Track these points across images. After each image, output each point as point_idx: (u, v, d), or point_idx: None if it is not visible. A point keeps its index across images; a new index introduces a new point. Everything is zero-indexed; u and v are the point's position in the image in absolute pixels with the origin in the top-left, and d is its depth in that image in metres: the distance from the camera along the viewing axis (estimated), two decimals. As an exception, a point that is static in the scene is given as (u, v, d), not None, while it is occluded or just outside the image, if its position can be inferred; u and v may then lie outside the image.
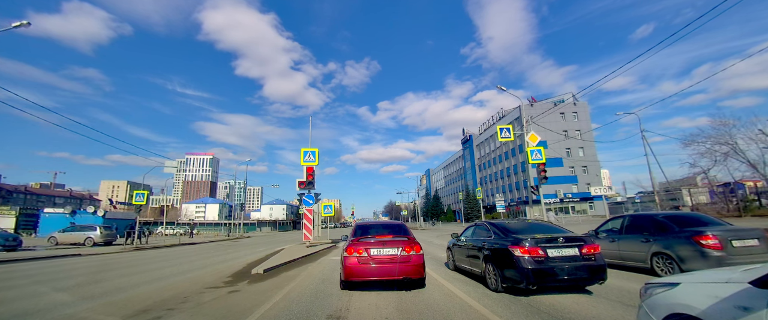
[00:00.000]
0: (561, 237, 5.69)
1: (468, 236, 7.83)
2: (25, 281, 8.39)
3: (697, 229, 6.49)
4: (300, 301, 5.54)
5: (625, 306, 4.83)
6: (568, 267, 5.34)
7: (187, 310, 5.22)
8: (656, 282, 2.71)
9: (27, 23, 13.40)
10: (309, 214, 18.56)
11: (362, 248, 5.96)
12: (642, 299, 2.69)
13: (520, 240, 5.67)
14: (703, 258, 6.11)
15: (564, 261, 5.42)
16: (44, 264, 12.81)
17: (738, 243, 6.17)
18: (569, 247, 5.56)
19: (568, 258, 5.45)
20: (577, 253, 5.50)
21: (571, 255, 5.49)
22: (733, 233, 6.31)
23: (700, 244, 6.19)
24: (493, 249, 6.19)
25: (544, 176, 16.08)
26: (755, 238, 6.31)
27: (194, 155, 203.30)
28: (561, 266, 5.34)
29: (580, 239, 5.73)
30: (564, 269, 5.32)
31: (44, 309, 5.34)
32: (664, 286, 2.54)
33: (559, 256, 5.45)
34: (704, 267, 5.86)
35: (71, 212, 37.48)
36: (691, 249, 6.29)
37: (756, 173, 22.46)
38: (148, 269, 10.71)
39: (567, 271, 5.31)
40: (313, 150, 17.69)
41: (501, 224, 6.79)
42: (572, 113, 59.09)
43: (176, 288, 7.09)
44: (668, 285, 2.52)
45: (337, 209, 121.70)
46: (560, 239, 5.65)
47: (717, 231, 6.28)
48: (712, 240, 6.12)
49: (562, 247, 5.54)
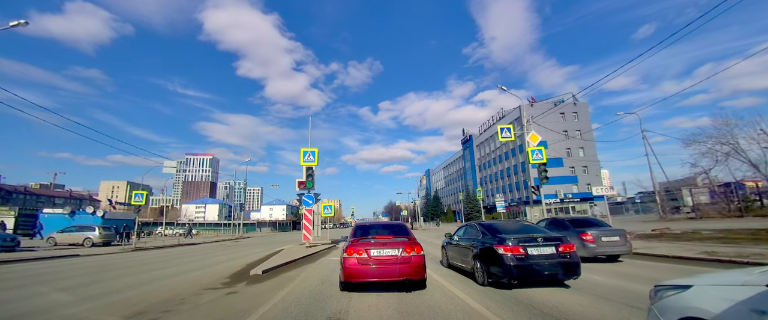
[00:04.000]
0: (540, 237, 6.32)
1: (460, 236, 8.40)
2: (19, 282, 8.30)
3: (582, 229, 9.28)
4: (299, 303, 5.45)
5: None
6: (547, 264, 5.98)
7: (184, 312, 5.13)
8: (667, 283, 2.60)
9: (25, 22, 13.32)
10: (308, 214, 18.47)
11: (362, 248, 5.87)
12: (651, 301, 2.59)
13: (504, 239, 6.25)
14: (584, 247, 8.88)
15: (542, 258, 6.04)
16: (41, 264, 12.72)
17: (606, 238, 8.96)
18: (547, 246, 6.18)
19: (546, 256, 6.07)
20: (554, 251, 6.12)
21: (548, 253, 6.10)
22: (603, 232, 9.14)
23: (582, 239, 8.98)
24: (480, 248, 6.73)
25: (545, 176, 15.99)
26: (617, 236, 9.13)
27: (194, 155, 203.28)
28: (540, 263, 5.98)
29: (557, 238, 6.36)
30: (543, 265, 5.96)
31: (37, 311, 5.25)
32: (675, 288, 2.43)
33: (538, 254, 6.07)
34: (584, 254, 8.58)
35: (70, 213, 37.34)
36: (578, 241, 8.55)
37: (757, 173, 22.38)
38: (146, 270, 10.62)
39: (545, 267, 5.95)
40: (313, 150, 17.60)
41: (488, 225, 7.43)
42: (572, 113, 59.00)
43: (174, 290, 7.00)
44: (680, 287, 2.40)
45: (337, 210, 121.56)
46: (539, 238, 6.27)
47: (593, 231, 9.13)
48: (589, 236, 9.01)
49: (541, 246, 6.17)
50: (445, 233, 9.79)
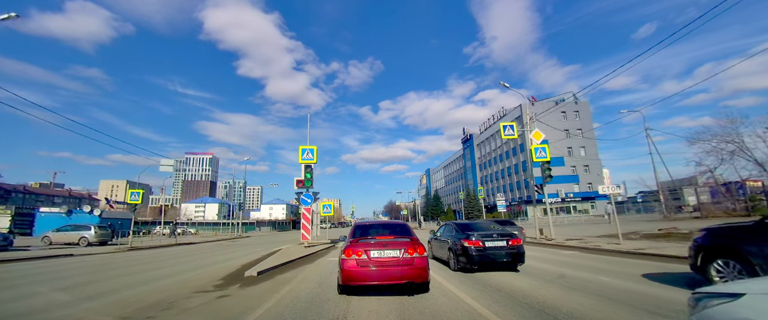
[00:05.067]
0: (495, 234, 8.33)
1: (441, 233, 10.33)
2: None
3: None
4: (294, 308, 5.10)
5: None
6: (499, 254, 7.88)
7: (171, 317, 4.79)
8: (712, 291, 2.24)
9: (15, 15, 12.98)
10: (307, 213, 18.14)
11: (362, 250, 5.52)
12: (690, 312, 2.23)
13: (469, 235, 8.15)
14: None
15: (496, 249, 7.95)
16: (30, 265, 12.38)
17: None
18: (500, 240, 8.13)
19: (499, 248, 7.98)
20: (505, 244, 8.05)
21: (501, 246, 8.02)
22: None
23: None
24: (453, 242, 8.54)
25: (549, 174, 15.64)
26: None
27: (194, 154, 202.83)
28: (495, 253, 7.88)
29: (509, 234, 8.34)
30: (497, 255, 7.86)
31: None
32: (723, 297, 2.06)
33: (493, 246, 7.98)
34: None
35: (67, 212, 37.05)
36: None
37: (763, 172, 22.02)
38: (139, 270, 10.28)
39: (499, 256, 7.85)
40: (312, 148, 17.27)
41: (460, 224, 9.45)
42: (574, 112, 58.63)
43: (163, 292, 6.64)
44: (729, 295, 2.03)
45: (337, 209, 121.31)
46: (495, 235, 8.29)
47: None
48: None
49: (496, 240, 8.11)
50: (430, 231, 11.18)
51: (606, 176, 17.28)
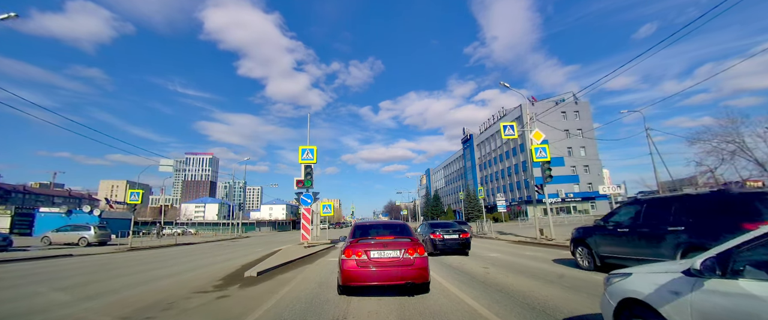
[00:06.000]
0: (451, 229, 12.12)
1: (420, 230, 14.10)
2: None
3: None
4: (293, 308, 5.08)
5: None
6: (454, 244, 11.81)
7: (171, 318, 4.77)
8: (616, 272, 3.06)
9: (15, 15, 12.96)
10: (307, 213, 18.11)
11: (361, 250, 5.50)
12: (605, 287, 3.04)
13: (435, 230, 12.07)
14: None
15: (452, 241, 11.84)
16: (30, 265, 12.36)
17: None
18: (455, 234, 11.95)
19: (454, 240, 11.84)
20: (458, 237, 11.88)
21: (455, 238, 11.88)
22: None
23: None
24: (426, 236, 12.34)
25: (550, 174, 15.61)
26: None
27: (194, 154, 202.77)
28: (451, 243, 11.82)
29: (461, 230, 12.18)
30: (452, 244, 11.82)
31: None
32: (620, 276, 2.90)
33: (449, 238, 11.87)
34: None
35: (67, 212, 37.01)
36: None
37: (763, 172, 21.97)
38: (138, 270, 10.26)
39: (453, 245, 11.81)
40: (312, 148, 17.24)
41: (431, 223, 13.61)
42: (574, 112, 58.60)
43: (162, 293, 6.63)
44: (624, 274, 2.89)
45: (337, 209, 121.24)
46: (451, 230, 12.08)
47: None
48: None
49: (452, 234, 11.94)
50: (412, 228, 13.46)
51: (606, 176, 17.27)
